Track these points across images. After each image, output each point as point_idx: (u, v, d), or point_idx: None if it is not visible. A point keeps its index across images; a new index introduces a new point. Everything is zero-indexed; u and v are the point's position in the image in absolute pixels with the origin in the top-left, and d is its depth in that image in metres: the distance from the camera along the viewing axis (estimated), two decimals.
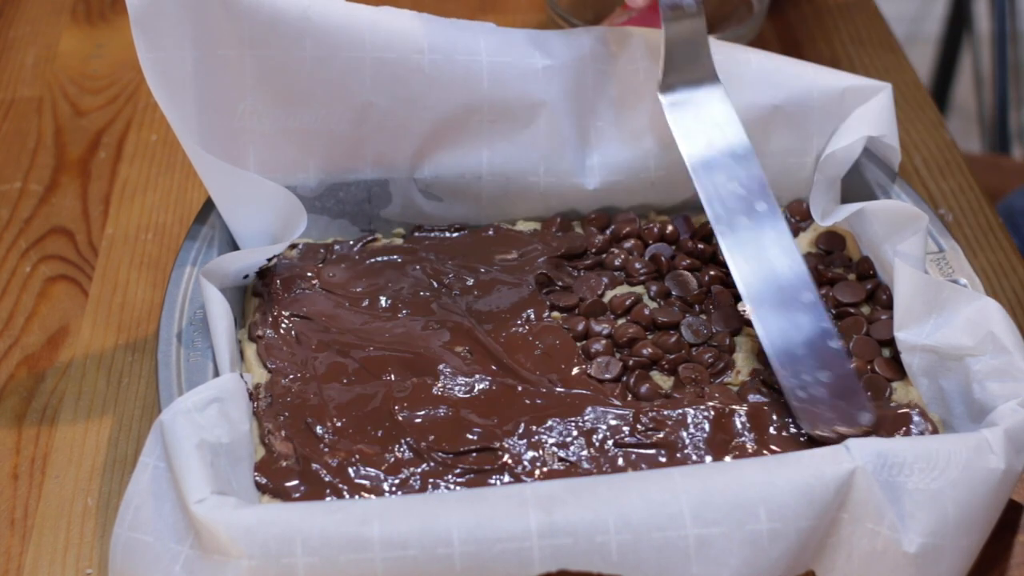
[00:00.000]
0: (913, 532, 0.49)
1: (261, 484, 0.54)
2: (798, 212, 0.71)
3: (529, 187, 0.70)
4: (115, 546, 0.50)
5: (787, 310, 0.60)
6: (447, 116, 0.67)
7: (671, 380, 0.61)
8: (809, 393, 0.57)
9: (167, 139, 0.83)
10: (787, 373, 0.58)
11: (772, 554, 0.48)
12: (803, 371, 0.58)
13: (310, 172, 0.68)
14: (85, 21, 0.95)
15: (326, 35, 0.64)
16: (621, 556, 0.48)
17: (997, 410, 0.54)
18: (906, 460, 0.50)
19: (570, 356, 0.61)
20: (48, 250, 0.75)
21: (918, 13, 2.04)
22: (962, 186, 0.79)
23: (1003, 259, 0.74)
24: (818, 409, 0.57)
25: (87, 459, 0.62)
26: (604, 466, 0.55)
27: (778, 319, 0.59)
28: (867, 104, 0.69)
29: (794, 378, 0.58)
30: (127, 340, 0.68)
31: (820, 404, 0.57)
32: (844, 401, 0.57)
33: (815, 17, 0.95)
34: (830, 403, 0.57)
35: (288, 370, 0.60)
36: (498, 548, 0.47)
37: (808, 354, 0.58)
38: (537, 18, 0.86)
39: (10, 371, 0.67)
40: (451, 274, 0.66)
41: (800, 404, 0.57)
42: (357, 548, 0.47)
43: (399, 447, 0.56)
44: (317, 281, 0.65)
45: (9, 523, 0.59)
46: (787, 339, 0.59)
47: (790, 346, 0.59)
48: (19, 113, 0.86)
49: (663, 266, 0.67)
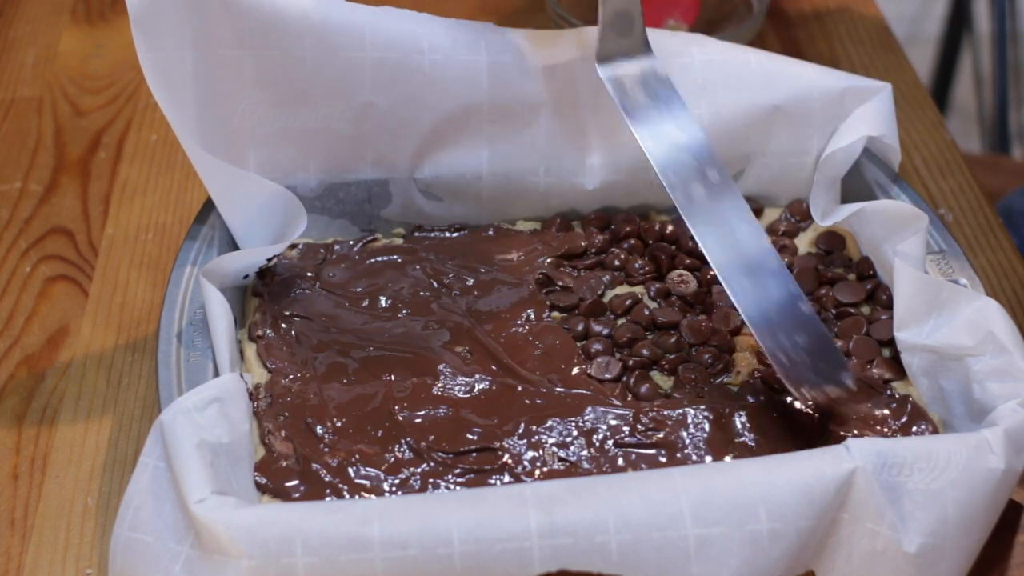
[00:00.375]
0: (913, 532, 0.49)
1: (261, 484, 0.54)
2: (798, 212, 0.71)
3: (529, 187, 0.70)
4: (115, 546, 0.50)
5: (756, 277, 0.59)
6: (447, 116, 0.67)
7: (671, 380, 0.61)
8: (790, 358, 0.57)
9: (167, 139, 0.83)
10: (768, 339, 0.58)
11: (772, 554, 0.48)
12: (781, 335, 0.58)
13: (310, 172, 0.68)
14: (85, 21, 0.95)
15: (326, 35, 0.64)
16: (621, 556, 0.48)
17: (997, 410, 0.54)
18: (906, 460, 0.50)
19: (570, 356, 0.61)
20: (48, 250, 0.75)
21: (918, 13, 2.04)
22: (962, 186, 0.79)
23: (1003, 259, 0.74)
24: (801, 373, 0.57)
25: (87, 459, 0.62)
26: (604, 466, 0.55)
27: (751, 287, 0.59)
28: (867, 104, 0.69)
29: (774, 343, 0.58)
30: (127, 340, 0.68)
31: (802, 367, 0.57)
32: (824, 363, 0.57)
33: (815, 17, 0.95)
34: (812, 365, 0.57)
35: (288, 370, 0.60)
36: (498, 548, 0.47)
37: (783, 319, 0.58)
38: (537, 18, 0.86)
39: (10, 371, 0.67)
40: (451, 274, 0.66)
41: (784, 369, 0.57)
42: (357, 548, 0.47)
43: (399, 447, 0.56)
44: (317, 281, 0.65)
45: (9, 523, 0.59)
46: (761, 306, 0.59)
47: (766, 312, 0.59)
48: (19, 113, 0.86)
49: (663, 266, 0.67)
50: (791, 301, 0.59)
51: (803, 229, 0.70)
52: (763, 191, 0.71)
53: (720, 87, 0.68)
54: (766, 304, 0.59)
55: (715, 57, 0.69)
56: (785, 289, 0.59)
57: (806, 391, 0.57)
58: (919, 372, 0.59)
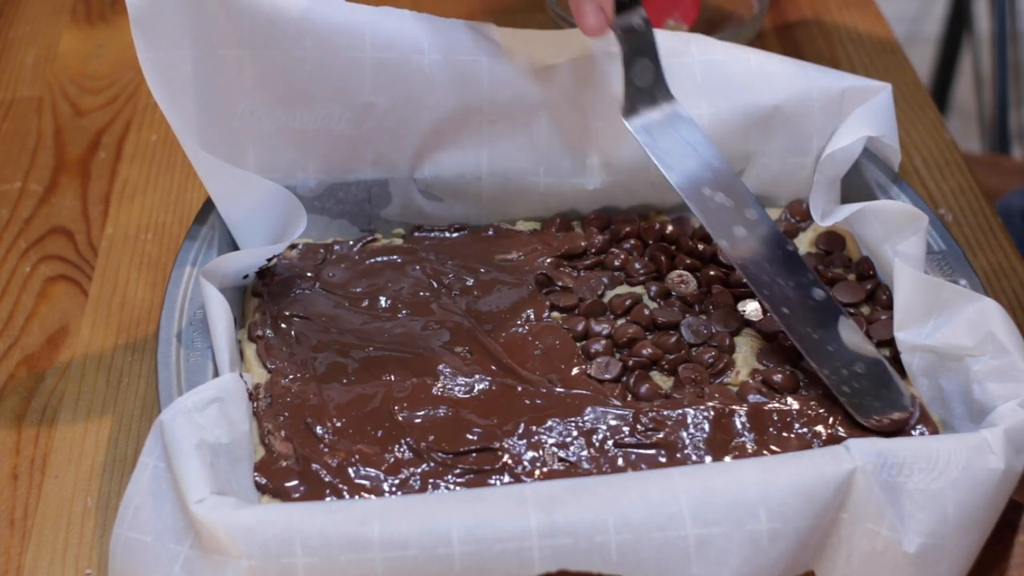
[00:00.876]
0: (913, 532, 0.49)
1: (261, 484, 0.54)
2: (798, 212, 0.71)
3: (529, 187, 0.70)
4: (115, 546, 0.50)
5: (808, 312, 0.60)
6: (447, 116, 0.67)
7: (671, 380, 0.61)
8: (852, 387, 0.58)
9: (167, 139, 0.83)
10: (829, 372, 0.58)
11: (772, 554, 0.48)
12: (840, 365, 0.58)
13: (310, 172, 0.68)
14: (85, 21, 0.95)
15: (326, 35, 0.64)
16: (621, 556, 0.48)
17: (997, 410, 0.54)
18: (906, 460, 0.50)
19: (570, 356, 0.61)
20: (48, 250, 0.75)
21: (918, 13, 2.04)
22: (962, 186, 0.79)
23: (1003, 259, 0.74)
24: (867, 401, 0.57)
25: (87, 459, 0.62)
26: (604, 466, 0.55)
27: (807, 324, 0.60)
28: (867, 104, 0.69)
29: (836, 376, 0.58)
30: (127, 340, 0.68)
31: (864, 395, 0.58)
32: (885, 389, 0.58)
33: (815, 17, 0.95)
34: (872, 392, 0.58)
35: (288, 370, 0.60)
36: (498, 548, 0.47)
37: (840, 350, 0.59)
38: (537, 18, 0.86)
39: (10, 371, 0.67)
40: (451, 274, 0.66)
41: (848, 399, 0.58)
42: (357, 548, 0.47)
43: (399, 447, 0.56)
44: (317, 281, 0.65)
45: (9, 523, 0.59)
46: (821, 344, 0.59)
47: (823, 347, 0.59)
48: (19, 113, 0.86)
49: (663, 266, 0.67)
50: (842, 331, 0.60)
51: (803, 229, 0.70)
52: (763, 191, 0.71)
53: (720, 87, 0.68)
54: (822, 336, 0.59)
55: (715, 57, 0.69)
56: (835, 319, 0.60)
57: (875, 421, 0.57)
58: (919, 372, 0.59)
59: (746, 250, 0.61)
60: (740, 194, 0.63)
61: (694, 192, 0.63)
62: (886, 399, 0.58)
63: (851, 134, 0.68)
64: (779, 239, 0.62)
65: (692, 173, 0.63)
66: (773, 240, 0.62)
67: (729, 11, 0.84)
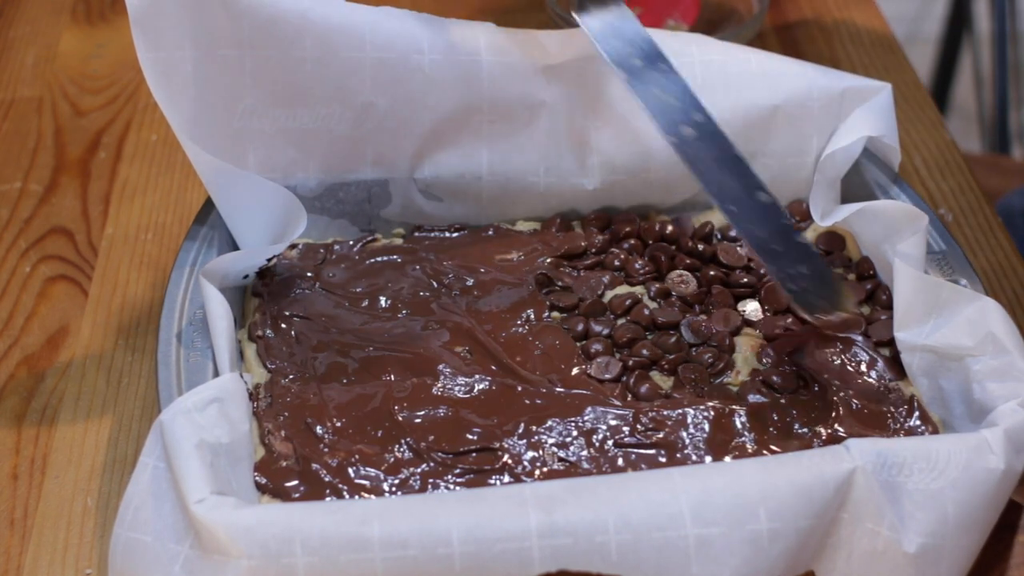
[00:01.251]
0: (913, 532, 0.49)
1: (261, 484, 0.54)
2: (798, 212, 0.71)
3: (529, 187, 0.70)
4: (115, 546, 0.50)
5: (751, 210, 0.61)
6: (447, 116, 0.67)
7: (671, 380, 0.61)
8: (799, 286, 0.60)
9: (167, 139, 0.83)
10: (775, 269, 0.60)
11: (772, 554, 0.48)
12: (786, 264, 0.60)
13: (310, 172, 0.68)
14: (85, 21, 0.95)
15: (326, 35, 0.64)
16: (621, 556, 0.48)
17: (997, 410, 0.54)
18: (906, 460, 0.50)
19: (570, 356, 0.61)
20: (48, 250, 0.75)
21: (918, 13, 2.04)
22: (962, 186, 0.79)
23: (1003, 259, 0.74)
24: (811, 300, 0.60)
25: (87, 459, 0.62)
26: (604, 466, 0.55)
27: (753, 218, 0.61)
28: (867, 104, 0.69)
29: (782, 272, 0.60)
30: (127, 340, 0.68)
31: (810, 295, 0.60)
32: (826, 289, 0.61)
33: (815, 17, 0.95)
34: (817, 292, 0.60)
35: (288, 370, 0.60)
36: (498, 548, 0.47)
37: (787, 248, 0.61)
38: (537, 18, 0.86)
39: (10, 371, 0.67)
40: (451, 274, 0.66)
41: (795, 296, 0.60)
42: (357, 548, 0.47)
43: (399, 447, 0.56)
44: (317, 281, 0.65)
45: (9, 523, 0.59)
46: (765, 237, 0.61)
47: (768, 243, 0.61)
48: (19, 113, 0.86)
49: (663, 266, 0.67)
50: (788, 232, 0.61)
51: (803, 229, 0.70)
52: None
53: (720, 87, 0.68)
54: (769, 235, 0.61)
55: (715, 57, 0.69)
56: (779, 222, 0.61)
57: (820, 318, 0.60)
58: (919, 372, 0.59)
59: (694, 147, 0.62)
60: (688, 96, 0.63)
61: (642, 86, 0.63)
62: (831, 299, 0.60)
63: (851, 134, 0.68)
64: (726, 142, 0.63)
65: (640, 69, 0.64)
66: (720, 141, 0.63)
67: (729, 11, 0.84)
